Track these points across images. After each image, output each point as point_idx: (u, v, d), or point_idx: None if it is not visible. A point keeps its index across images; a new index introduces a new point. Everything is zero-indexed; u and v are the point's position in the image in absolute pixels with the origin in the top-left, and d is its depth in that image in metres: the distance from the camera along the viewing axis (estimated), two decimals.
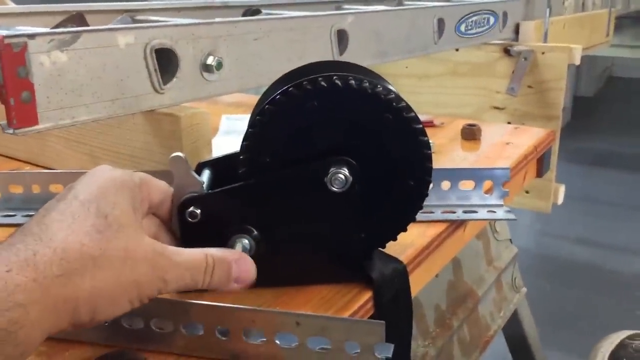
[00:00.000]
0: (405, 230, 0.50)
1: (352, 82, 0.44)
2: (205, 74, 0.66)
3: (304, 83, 0.44)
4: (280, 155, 0.46)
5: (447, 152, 0.80)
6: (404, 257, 0.53)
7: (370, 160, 0.47)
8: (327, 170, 0.45)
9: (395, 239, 0.50)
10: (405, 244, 0.54)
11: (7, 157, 0.82)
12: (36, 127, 0.54)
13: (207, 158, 0.63)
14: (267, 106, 0.45)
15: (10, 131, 0.53)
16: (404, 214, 0.49)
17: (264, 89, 0.56)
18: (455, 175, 0.61)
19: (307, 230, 0.47)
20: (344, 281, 0.49)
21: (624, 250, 2.43)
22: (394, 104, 0.45)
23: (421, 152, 0.47)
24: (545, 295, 2.07)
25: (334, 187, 0.45)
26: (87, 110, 0.57)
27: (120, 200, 0.39)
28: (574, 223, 2.59)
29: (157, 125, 0.64)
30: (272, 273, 0.48)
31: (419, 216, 0.56)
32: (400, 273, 0.50)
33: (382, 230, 0.49)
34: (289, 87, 0.45)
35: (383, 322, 0.37)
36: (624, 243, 2.47)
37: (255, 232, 0.46)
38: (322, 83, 0.44)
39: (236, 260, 0.42)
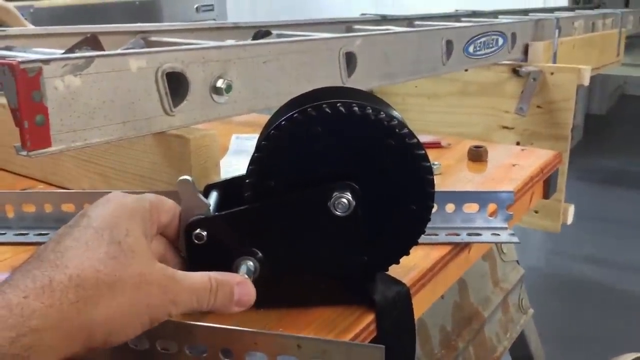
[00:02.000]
0: (407, 254, 0.50)
1: (356, 108, 0.46)
2: (215, 97, 0.67)
3: (309, 109, 0.45)
4: (285, 179, 0.47)
5: (453, 173, 0.81)
6: (407, 279, 0.53)
7: (373, 185, 0.47)
8: (330, 195, 0.46)
9: (397, 263, 0.50)
10: (409, 266, 0.55)
11: (20, 175, 0.84)
12: (49, 149, 0.55)
13: (215, 180, 0.64)
14: (272, 132, 0.46)
15: (24, 153, 0.54)
16: (406, 237, 0.50)
17: (274, 109, 0.57)
18: (460, 197, 0.62)
19: (310, 253, 0.48)
20: (347, 304, 0.49)
21: (635, 269, 2.40)
22: (397, 130, 0.46)
23: (423, 178, 0.48)
24: (555, 315, 2.06)
25: (337, 211, 0.46)
26: (99, 133, 0.58)
27: (132, 227, 0.40)
28: (584, 242, 2.57)
29: (166, 147, 0.65)
30: (276, 294, 0.49)
31: (424, 238, 0.57)
32: (403, 296, 0.51)
33: (385, 253, 0.50)
34: (293, 114, 0.46)
35: (382, 346, 0.38)
36: (635, 263, 2.45)
37: (260, 254, 0.47)
38: (327, 110, 0.45)
39: (238, 283, 0.43)
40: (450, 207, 0.62)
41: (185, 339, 0.42)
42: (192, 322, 0.42)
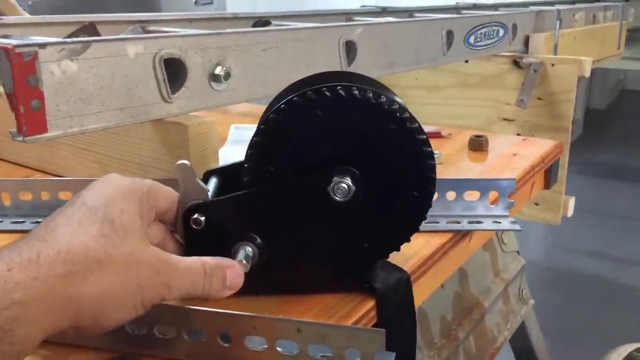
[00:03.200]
0: (408, 240, 0.50)
1: (356, 92, 0.45)
2: (214, 84, 0.67)
3: (308, 93, 0.45)
4: (284, 164, 0.47)
5: (454, 162, 0.80)
6: (408, 267, 0.53)
7: (373, 170, 0.47)
8: (330, 180, 0.45)
9: (398, 250, 0.50)
10: (410, 254, 0.54)
11: (17, 164, 0.83)
12: (45, 134, 0.54)
13: (214, 166, 0.64)
14: (271, 115, 0.45)
15: (20, 138, 0.53)
16: (407, 224, 0.49)
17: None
18: (461, 185, 0.61)
19: (310, 239, 0.47)
20: (347, 291, 0.49)
21: (635, 263, 2.40)
22: (397, 114, 0.46)
23: (424, 163, 0.47)
24: (555, 308, 2.05)
25: (336, 196, 0.45)
26: (96, 119, 0.58)
27: (127, 207, 0.39)
28: (585, 236, 2.57)
29: (165, 134, 0.64)
30: (275, 281, 0.48)
31: (424, 226, 0.56)
32: (403, 283, 0.50)
33: (386, 240, 0.49)
34: (293, 97, 0.45)
35: (383, 330, 0.37)
36: (636, 256, 2.45)
37: (259, 240, 0.47)
38: (326, 93, 0.45)
39: (228, 267, 0.42)
40: (451, 195, 0.61)
41: (184, 324, 0.41)
42: (190, 307, 0.41)
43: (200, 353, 0.41)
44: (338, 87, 0.44)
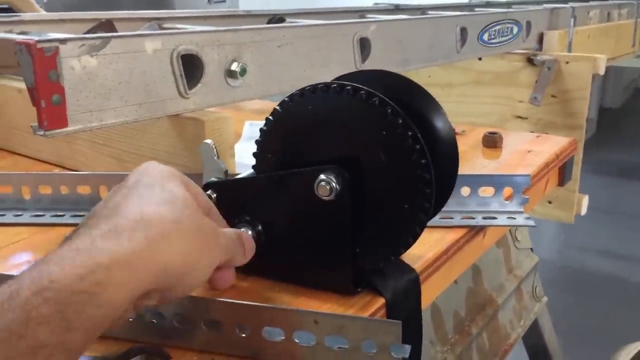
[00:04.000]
0: (399, 255, 0.47)
1: (348, 89, 0.44)
2: (230, 80, 0.67)
3: (307, 89, 0.45)
4: (283, 155, 0.48)
5: (468, 159, 0.80)
6: (422, 262, 0.53)
7: (365, 175, 0.45)
8: (315, 177, 0.45)
9: (388, 260, 0.47)
10: (424, 249, 0.55)
11: (37, 159, 0.84)
12: (66, 129, 0.55)
13: (229, 163, 0.65)
14: (276, 107, 0.46)
15: (41, 132, 0.54)
16: (397, 237, 0.46)
17: (288, 94, 0.57)
18: (475, 181, 0.61)
19: (302, 233, 0.48)
20: (333, 291, 0.48)
21: None
22: (390, 119, 0.43)
23: (418, 175, 0.44)
24: (568, 307, 2.05)
25: (319, 194, 0.45)
26: (114, 114, 0.58)
27: (177, 183, 0.40)
28: (598, 235, 2.55)
29: (181, 129, 0.65)
30: (272, 266, 0.49)
31: (438, 222, 0.57)
32: (412, 285, 0.49)
33: (377, 249, 0.47)
34: (296, 92, 0.46)
35: (399, 322, 0.38)
36: None
37: (259, 226, 0.48)
38: (322, 90, 0.45)
39: (247, 238, 0.45)
40: (465, 191, 0.61)
41: (203, 315, 0.42)
42: (209, 297, 0.42)
43: (218, 343, 0.42)
44: (334, 85, 0.45)
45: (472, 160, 0.80)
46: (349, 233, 0.46)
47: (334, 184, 0.44)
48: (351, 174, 0.45)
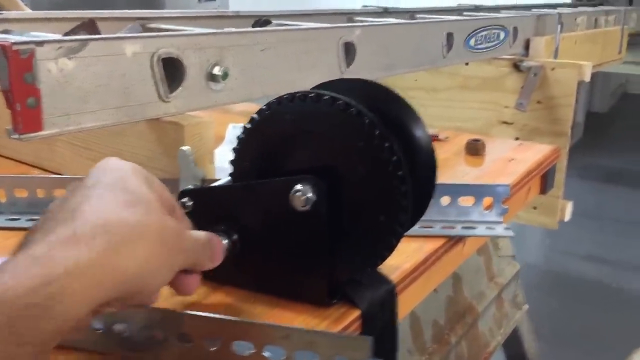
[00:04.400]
0: (374, 266, 0.47)
1: (325, 98, 0.44)
2: (211, 84, 0.67)
3: (284, 97, 0.45)
4: (260, 163, 0.47)
5: (450, 166, 0.80)
6: (399, 272, 0.53)
7: (342, 185, 0.45)
8: (290, 187, 0.44)
9: (364, 270, 0.48)
10: (402, 259, 0.54)
11: (16, 160, 0.83)
12: (41, 132, 0.54)
13: (209, 169, 0.64)
14: (254, 115, 0.46)
15: (16, 136, 0.53)
16: (373, 249, 0.46)
17: (272, 98, 0.57)
18: (455, 190, 0.61)
19: (277, 243, 0.47)
20: (309, 302, 0.48)
21: (634, 267, 2.40)
22: (365, 129, 0.43)
23: (394, 187, 0.43)
24: (552, 312, 2.05)
25: (294, 204, 0.44)
26: (92, 117, 0.58)
27: (140, 182, 0.39)
28: (583, 239, 2.57)
29: (161, 133, 0.64)
30: (248, 276, 0.49)
31: (417, 231, 0.56)
32: (389, 295, 0.49)
33: (353, 260, 0.46)
34: (274, 99, 0.45)
35: (370, 337, 0.37)
36: (634, 260, 2.45)
37: (235, 235, 0.47)
38: (299, 99, 0.44)
39: (213, 239, 0.44)
40: (445, 200, 0.61)
41: (173, 328, 0.41)
42: (179, 311, 0.42)
43: (187, 357, 0.41)
44: (310, 94, 0.44)
45: (454, 168, 0.80)
46: (325, 244, 0.45)
47: (310, 195, 0.44)
48: (328, 184, 0.44)
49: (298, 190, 0.44)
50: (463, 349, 0.80)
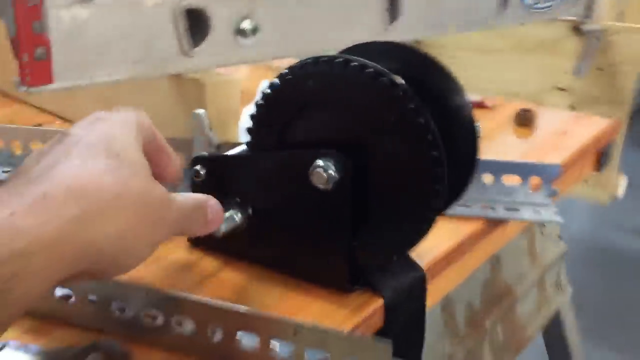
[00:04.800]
0: (401, 256, 0.43)
1: (355, 65, 0.38)
2: (240, 39, 0.61)
3: (308, 61, 0.39)
4: (279, 133, 0.42)
5: (495, 137, 0.73)
6: (431, 256, 0.48)
7: (368, 163, 0.40)
8: (311, 162, 0.39)
9: (391, 260, 0.43)
10: (435, 242, 0.49)
11: (38, 108, 0.80)
12: (51, 86, 0.51)
13: (232, 133, 0.60)
14: (274, 80, 0.41)
15: (24, 89, 0.50)
16: (403, 235, 0.41)
17: (306, 56, 0.52)
18: (499, 167, 0.55)
19: (295, 221, 0.43)
20: (328, 286, 0.43)
21: None
22: (398, 102, 0.37)
23: (427, 170, 0.38)
24: (597, 290, 1.98)
25: (314, 182, 0.39)
26: (107, 71, 0.54)
27: (129, 140, 0.35)
28: (636, 214, 2.45)
29: (182, 91, 0.60)
30: (263, 252, 0.45)
31: (454, 210, 0.51)
32: (417, 285, 0.44)
33: (378, 245, 0.41)
34: (296, 63, 0.40)
35: (390, 341, 0.33)
36: None
37: (250, 209, 0.43)
38: (323, 63, 0.39)
39: (209, 204, 0.39)
40: (487, 178, 0.55)
41: (173, 311, 0.38)
42: (181, 295, 0.38)
43: (187, 345, 0.38)
44: (337, 59, 0.38)
45: (500, 140, 0.73)
46: (347, 226, 0.41)
47: (332, 172, 0.39)
48: (353, 160, 0.39)
49: (319, 166, 0.39)
50: (498, 334, 0.75)
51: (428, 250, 0.48)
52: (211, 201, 0.39)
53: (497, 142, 0.72)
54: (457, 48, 1.28)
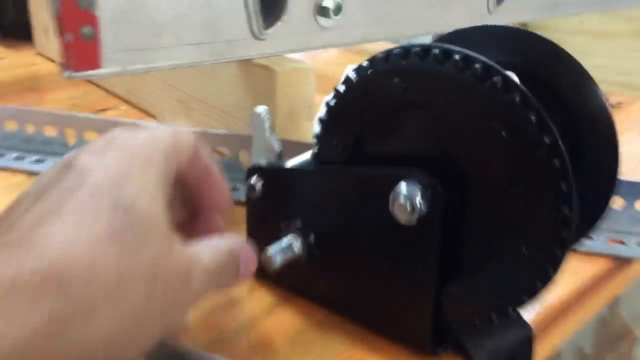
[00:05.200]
0: (515, 307, 0.31)
1: (456, 59, 0.28)
2: (320, 19, 0.53)
3: (394, 51, 0.30)
4: (353, 144, 0.33)
5: (624, 146, 0.61)
6: (541, 308, 0.38)
7: (468, 188, 0.30)
8: (391, 186, 0.30)
9: (492, 323, 0.31)
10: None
11: (107, 91, 0.76)
12: (99, 71, 0.44)
13: (304, 127, 0.52)
14: (349, 75, 0.32)
15: (67, 74, 0.44)
16: (506, 288, 0.30)
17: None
18: (633, 190, 0.44)
19: (368, 257, 0.34)
20: (407, 346, 0.34)
21: None
22: (513, 112, 0.27)
23: (551, 207, 0.27)
24: None
25: (395, 213, 0.30)
26: (166, 54, 0.47)
27: (146, 181, 0.26)
28: None
29: (250, 79, 0.53)
30: (325, 291, 0.37)
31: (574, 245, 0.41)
32: (523, 346, 0.34)
33: (473, 299, 0.31)
34: (379, 54, 0.31)
35: None
36: None
37: (312, 237, 0.35)
38: (415, 55, 0.29)
39: (241, 248, 0.31)
40: (617, 202, 0.44)
41: None
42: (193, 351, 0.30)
43: None
44: (434, 49, 0.29)
45: (628, 148, 0.61)
46: (434, 270, 0.31)
47: (417, 202, 0.29)
48: (446, 185, 0.30)
49: (402, 194, 0.30)
50: None
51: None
52: (244, 248, 0.31)
53: (625, 155, 0.60)
54: (568, 31, 1.15)
